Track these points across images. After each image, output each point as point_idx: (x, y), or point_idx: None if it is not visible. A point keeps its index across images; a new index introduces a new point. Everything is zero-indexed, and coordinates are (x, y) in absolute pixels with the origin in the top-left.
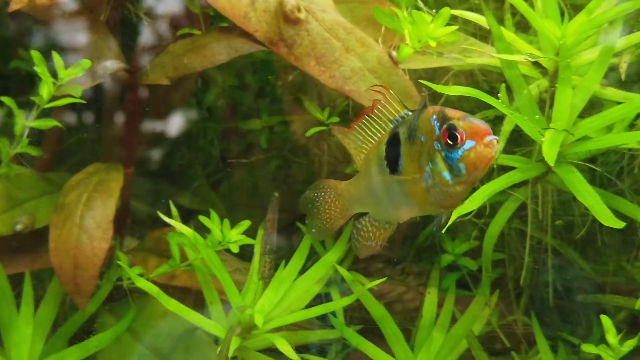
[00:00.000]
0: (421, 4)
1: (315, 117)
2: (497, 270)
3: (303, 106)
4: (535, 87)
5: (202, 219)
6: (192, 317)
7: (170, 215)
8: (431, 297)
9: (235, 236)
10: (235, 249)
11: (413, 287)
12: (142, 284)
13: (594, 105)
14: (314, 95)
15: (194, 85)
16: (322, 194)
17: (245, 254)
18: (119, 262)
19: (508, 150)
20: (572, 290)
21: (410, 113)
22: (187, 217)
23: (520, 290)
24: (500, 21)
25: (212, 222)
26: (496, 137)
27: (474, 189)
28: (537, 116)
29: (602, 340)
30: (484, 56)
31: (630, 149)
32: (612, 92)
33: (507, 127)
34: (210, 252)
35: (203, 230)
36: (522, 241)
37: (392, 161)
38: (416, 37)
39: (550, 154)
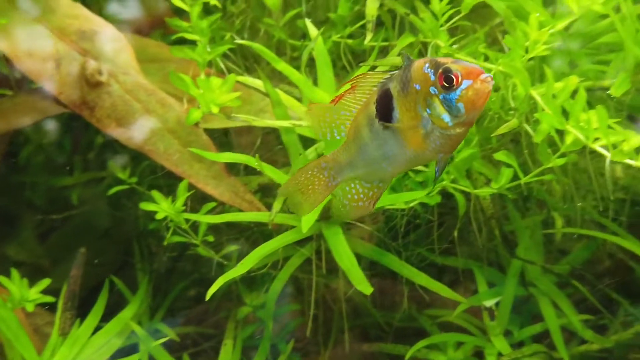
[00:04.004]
0: (223, 66)
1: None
2: (298, 319)
3: None
4: (313, 150)
5: (2, 279)
6: None
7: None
8: (227, 348)
9: (33, 295)
10: (30, 307)
11: None
12: None
13: None
14: None
15: (6, 144)
16: (304, 175)
17: None
18: None
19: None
20: (369, 337)
21: (395, 72)
22: (16, 268)
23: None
24: None
25: (11, 281)
26: (490, 74)
27: None
28: None
29: None
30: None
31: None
32: None
33: None
34: (6, 312)
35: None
36: (328, 291)
37: (385, 117)
38: (204, 101)
39: (307, 219)
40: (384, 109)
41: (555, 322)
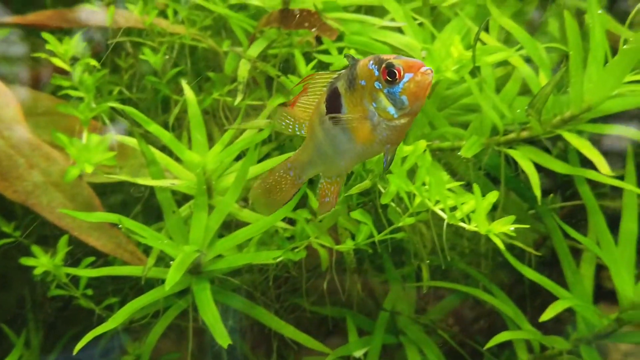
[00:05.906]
0: (108, 121)
1: None
2: None
3: None
4: (187, 207)
5: None
6: None
7: None
8: None
9: None
10: None
11: None
12: None
13: None
14: None
15: None
16: (272, 177)
17: None
18: None
19: None
20: None
21: (342, 71)
22: None
23: None
24: None
25: None
26: (430, 67)
27: None
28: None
29: None
30: None
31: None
32: (246, 214)
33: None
34: None
35: None
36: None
37: (335, 113)
38: (80, 160)
39: (174, 276)
40: (333, 107)
41: None
